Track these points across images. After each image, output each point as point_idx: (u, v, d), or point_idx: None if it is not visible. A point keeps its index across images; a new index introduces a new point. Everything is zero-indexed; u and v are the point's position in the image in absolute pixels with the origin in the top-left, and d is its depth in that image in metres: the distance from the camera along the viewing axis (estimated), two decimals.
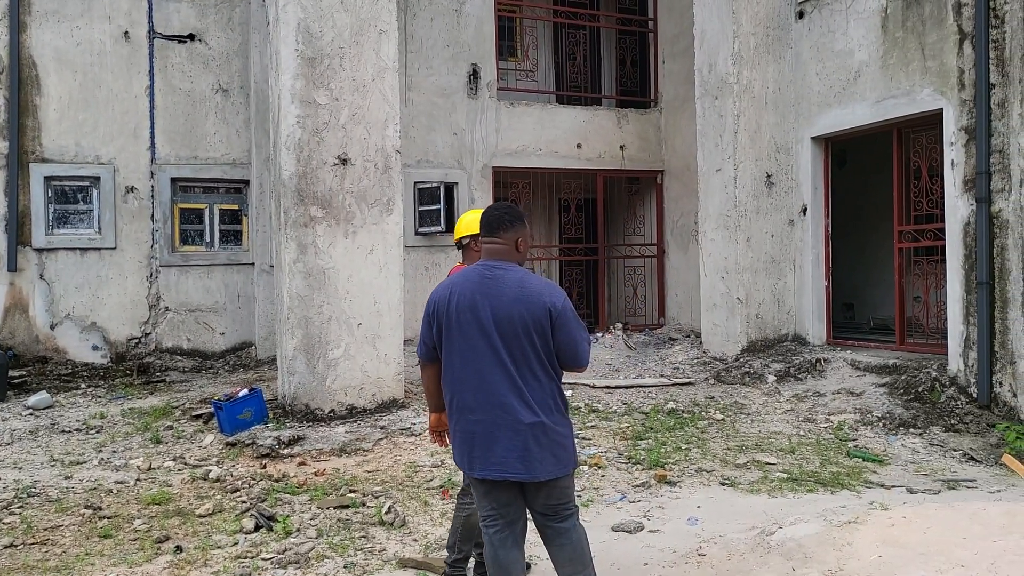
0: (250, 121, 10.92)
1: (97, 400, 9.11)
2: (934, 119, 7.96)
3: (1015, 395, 7.03)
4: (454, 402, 3.32)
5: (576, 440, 5.43)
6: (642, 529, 4.84)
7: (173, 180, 10.81)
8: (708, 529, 4.67)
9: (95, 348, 10.42)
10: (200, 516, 5.31)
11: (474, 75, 11.38)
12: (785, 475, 5.97)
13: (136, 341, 10.63)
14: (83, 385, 9.76)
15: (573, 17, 12.61)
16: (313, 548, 4.67)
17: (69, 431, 7.77)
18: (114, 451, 7.07)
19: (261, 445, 6.93)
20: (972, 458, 6.51)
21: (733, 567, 3.88)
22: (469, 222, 4.21)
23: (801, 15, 9.55)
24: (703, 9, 9.99)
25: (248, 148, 10.99)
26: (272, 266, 10.64)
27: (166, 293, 10.78)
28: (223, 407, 7.50)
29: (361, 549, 4.68)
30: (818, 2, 9.29)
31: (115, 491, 5.94)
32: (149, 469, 6.51)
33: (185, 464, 6.68)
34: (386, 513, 5.12)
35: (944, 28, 7.72)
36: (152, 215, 10.71)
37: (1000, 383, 7.18)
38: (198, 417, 8.09)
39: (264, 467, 6.48)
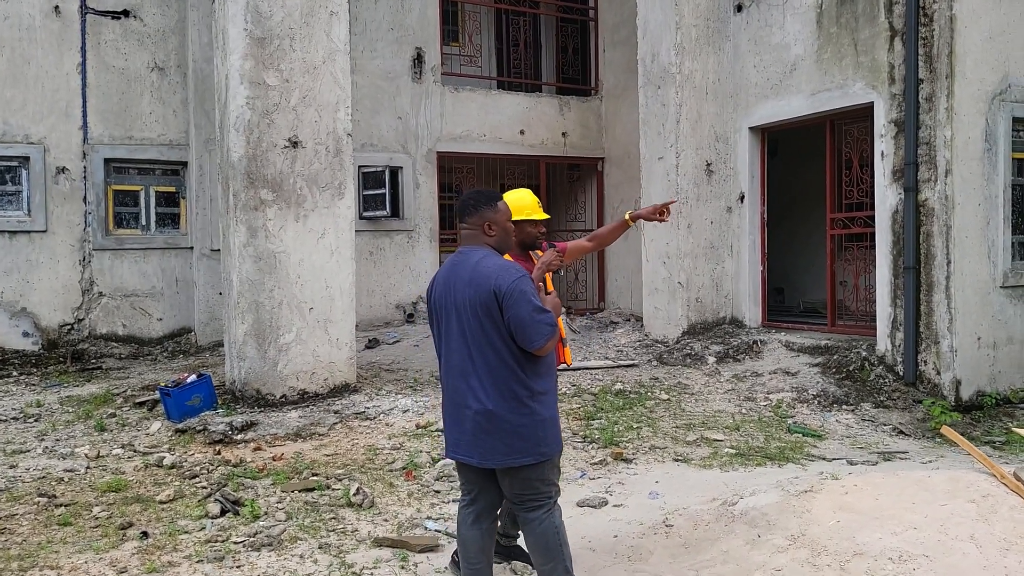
0: (188, 101, 10.66)
1: (31, 388, 8.81)
2: (865, 112, 8.35)
3: (938, 373, 7.50)
4: (441, 383, 3.42)
5: None
6: (606, 504, 5.03)
7: (107, 161, 10.47)
8: (670, 502, 4.89)
9: (26, 335, 10.04)
10: (162, 502, 5.26)
11: (418, 59, 11.36)
12: (733, 450, 6.26)
13: (69, 327, 10.29)
14: (15, 373, 9.42)
15: (515, 3, 12.69)
16: (284, 531, 4.69)
17: (6, 420, 7.52)
18: (57, 439, 6.89)
19: (213, 431, 6.86)
20: (901, 432, 6.94)
21: (701, 536, 4.10)
22: (529, 204, 4.04)
23: (740, 8, 9.86)
24: (645, 0, 10.20)
25: (186, 129, 10.73)
26: (214, 250, 10.47)
27: (100, 278, 10.46)
28: (171, 393, 7.37)
29: (333, 530, 4.73)
30: None
31: (66, 479, 5.82)
32: (98, 457, 6.37)
33: (135, 451, 6.56)
34: (354, 495, 5.17)
35: (876, 25, 8.11)
36: (85, 197, 10.36)
37: (925, 362, 7.63)
38: (142, 404, 7.93)
39: (219, 453, 6.42)
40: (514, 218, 3.85)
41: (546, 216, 4.10)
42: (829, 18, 8.63)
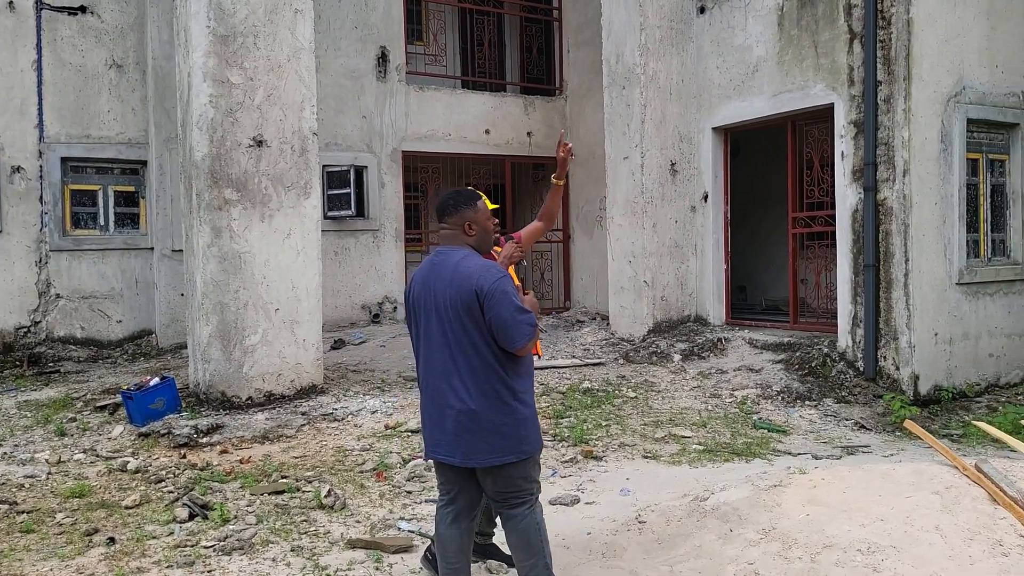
0: (148, 99, 10.47)
1: None
2: (826, 113, 8.51)
3: (898, 368, 7.68)
4: (420, 383, 3.42)
5: None
6: (579, 502, 5.06)
7: (64, 160, 10.24)
8: (642, 499, 4.94)
9: None
10: (127, 508, 5.17)
11: (383, 58, 11.30)
12: (701, 447, 6.35)
13: (25, 330, 10.04)
14: None
15: (479, 3, 12.69)
16: (255, 534, 4.64)
17: None
18: (16, 445, 6.73)
19: (178, 435, 6.75)
20: (863, 426, 7.09)
21: (674, 531, 4.15)
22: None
23: (702, 10, 9.98)
24: (610, 1, 10.27)
25: (146, 127, 10.53)
26: (175, 250, 10.30)
27: (57, 279, 10.22)
28: (133, 397, 7.25)
29: (305, 533, 4.69)
30: None
31: (27, 486, 5.69)
32: (59, 462, 6.24)
33: (98, 456, 6.44)
34: (325, 497, 5.13)
35: (836, 28, 8.27)
36: (41, 197, 10.11)
37: (884, 357, 7.81)
38: (103, 408, 7.77)
39: (184, 457, 6.34)
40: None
41: (495, 205, 4.14)
42: (790, 20, 8.78)
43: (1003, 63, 8.13)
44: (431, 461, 3.51)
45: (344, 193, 10.89)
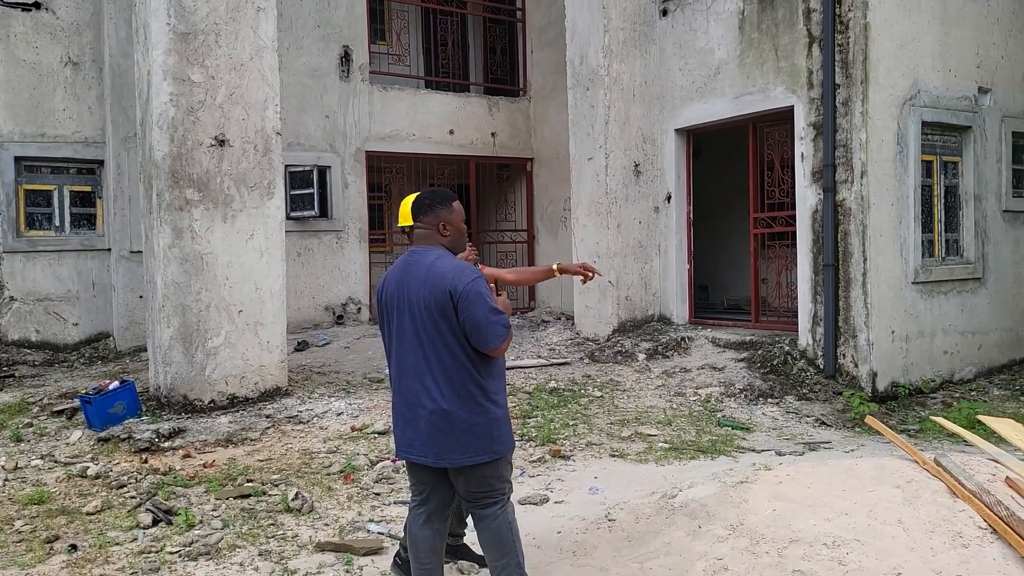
0: (105, 97, 10.26)
1: None
2: (786, 115, 8.65)
3: (856, 365, 7.84)
4: (392, 383, 3.41)
5: None
6: (548, 501, 5.08)
7: (17, 159, 9.99)
8: (610, 497, 4.98)
9: None
10: (89, 514, 5.07)
11: (346, 57, 11.22)
12: (667, 445, 6.41)
13: None
14: None
15: (443, 3, 12.67)
16: (222, 538, 4.58)
17: None
18: None
19: (139, 439, 6.64)
20: (824, 423, 7.23)
21: (643, 529, 4.19)
22: (403, 212, 4.20)
23: (665, 13, 10.08)
24: (574, 2, 10.32)
25: (103, 126, 10.32)
26: (133, 252, 10.12)
27: (11, 281, 9.97)
28: (92, 401, 7.11)
29: (273, 536, 4.65)
30: (680, 1, 9.83)
31: None
32: (16, 468, 6.09)
33: (56, 462, 6.30)
34: (293, 500, 5.09)
35: (795, 32, 8.42)
36: None
37: (844, 355, 7.97)
38: (60, 413, 7.60)
39: (146, 461, 6.23)
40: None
41: None
42: (751, 24, 8.91)
43: (955, 67, 8.35)
44: (400, 462, 3.50)
45: (307, 193, 10.80)
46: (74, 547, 4.51)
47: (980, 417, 5.33)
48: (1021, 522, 3.45)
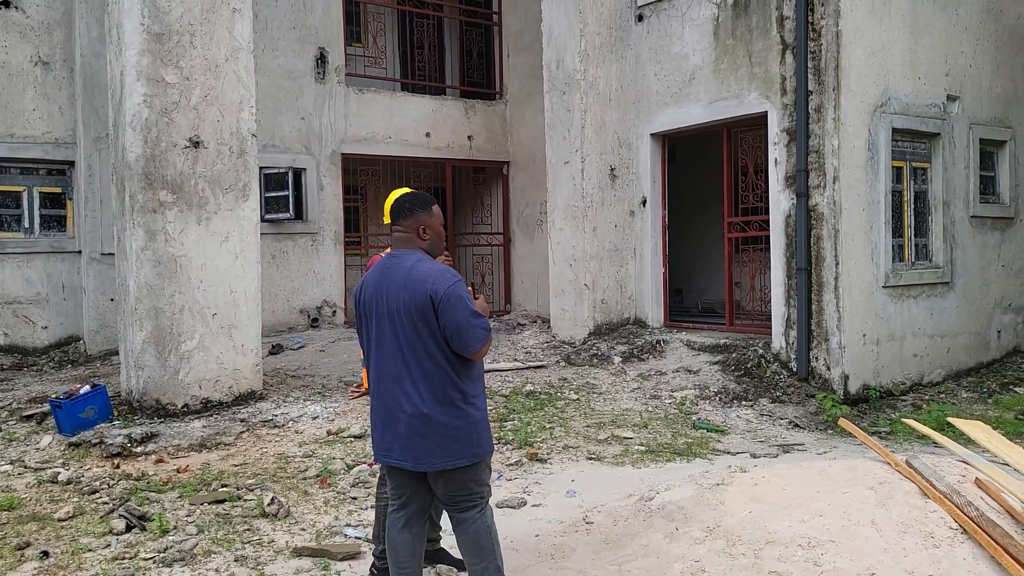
0: (76, 98, 10.12)
1: None
2: (760, 120, 8.75)
3: (828, 368, 7.94)
4: (371, 388, 3.40)
5: None
6: (525, 504, 5.10)
7: None
8: (588, 500, 5.00)
9: None
10: (61, 520, 4.99)
11: (322, 59, 11.17)
12: (644, 448, 6.45)
13: None
14: None
15: (419, 6, 12.65)
16: (197, 544, 4.54)
17: None
18: None
19: (110, 444, 6.55)
20: (797, 425, 7.32)
21: (621, 531, 4.21)
22: (386, 210, 4.28)
23: (640, 18, 10.15)
24: (551, 7, 10.35)
25: (74, 127, 10.18)
26: (104, 254, 9.99)
27: None
28: (62, 405, 7.00)
29: (249, 542, 4.61)
30: (656, 7, 9.91)
31: None
32: None
33: (26, 467, 6.20)
34: (268, 505, 5.05)
35: (769, 38, 8.52)
36: None
37: (816, 358, 8.07)
38: (29, 417, 7.48)
39: (118, 467, 6.15)
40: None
41: None
42: (725, 30, 9.00)
43: (925, 75, 8.50)
44: (377, 466, 3.49)
45: (282, 195, 10.73)
46: (46, 554, 4.44)
47: (950, 419, 5.42)
48: (991, 523, 3.52)
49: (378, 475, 4.09)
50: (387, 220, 3.68)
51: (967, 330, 9.03)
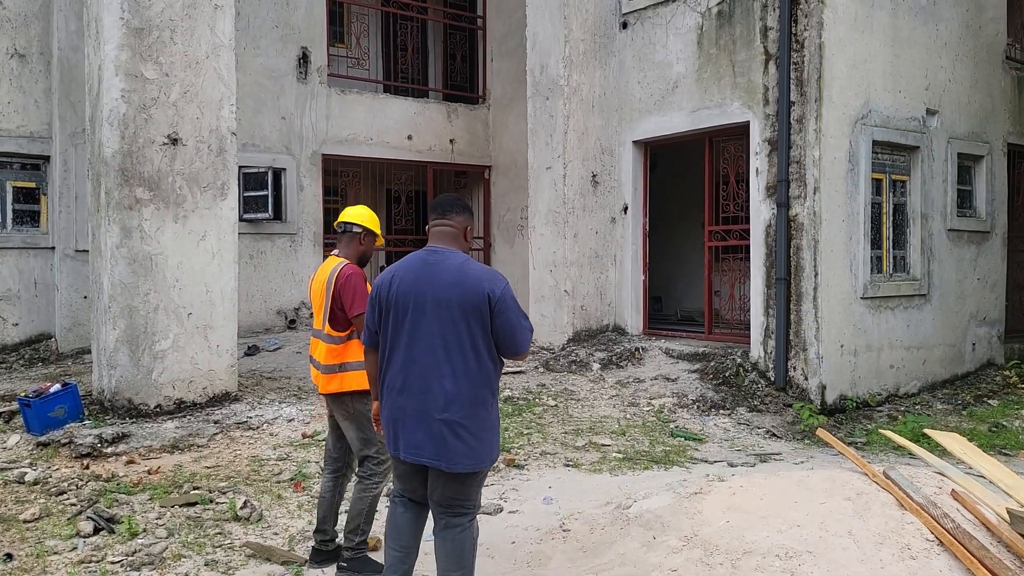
0: (52, 91, 9.96)
1: None
2: (742, 130, 8.78)
3: (806, 378, 7.97)
4: (387, 383, 3.33)
5: None
6: (502, 511, 5.05)
7: None
8: (565, 507, 4.96)
9: None
10: (26, 521, 4.89)
11: (304, 59, 11.08)
12: (621, 455, 6.43)
13: None
14: None
15: (403, 8, 12.60)
16: (166, 548, 4.45)
17: None
18: None
19: (80, 444, 6.42)
20: (774, 434, 7.33)
21: (598, 539, 4.18)
22: (370, 217, 4.37)
23: (625, 26, 10.17)
24: (535, 12, 10.35)
25: (49, 121, 10.01)
26: (78, 251, 9.83)
27: None
28: (31, 404, 6.87)
29: (220, 546, 4.53)
30: (640, 15, 9.93)
31: None
32: None
33: None
34: (241, 508, 4.97)
35: (752, 49, 8.56)
36: None
37: (794, 368, 8.09)
38: None
39: (87, 467, 6.03)
40: (374, 230, 4.29)
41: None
42: (709, 40, 9.03)
43: (905, 89, 8.58)
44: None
45: (261, 195, 10.62)
46: (9, 556, 4.33)
47: (926, 431, 5.45)
48: (967, 535, 3.52)
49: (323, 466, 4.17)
50: (342, 219, 3.79)
51: (943, 342, 9.11)
